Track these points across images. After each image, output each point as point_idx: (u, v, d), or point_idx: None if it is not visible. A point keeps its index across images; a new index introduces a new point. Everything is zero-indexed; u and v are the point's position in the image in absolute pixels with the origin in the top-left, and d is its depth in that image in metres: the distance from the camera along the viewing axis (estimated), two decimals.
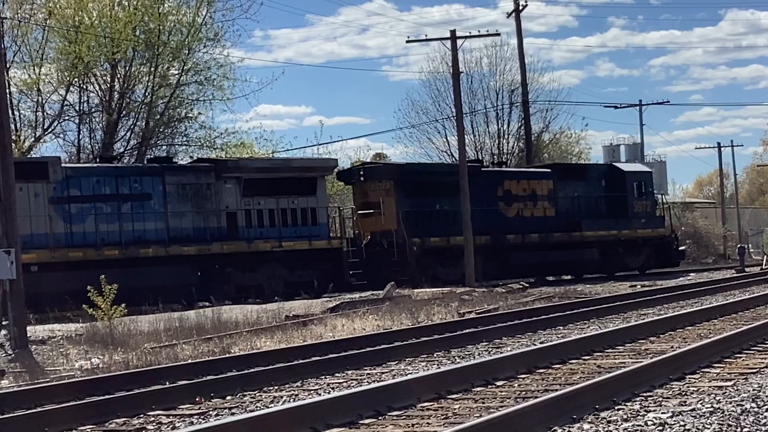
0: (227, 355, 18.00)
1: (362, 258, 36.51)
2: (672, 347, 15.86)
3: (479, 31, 43.42)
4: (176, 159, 40.49)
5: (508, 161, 55.59)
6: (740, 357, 14.53)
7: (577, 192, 43.51)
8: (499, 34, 45.49)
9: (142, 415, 12.21)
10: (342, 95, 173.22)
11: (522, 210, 41.49)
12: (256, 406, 12.35)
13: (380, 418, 10.82)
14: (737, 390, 11.50)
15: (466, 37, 42.57)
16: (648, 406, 10.72)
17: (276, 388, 13.92)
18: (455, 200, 37.93)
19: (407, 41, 43.03)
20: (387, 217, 37.51)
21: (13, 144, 24.41)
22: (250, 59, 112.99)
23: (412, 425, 10.45)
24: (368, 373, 15.10)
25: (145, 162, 36.88)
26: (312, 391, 13.48)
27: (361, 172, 39.23)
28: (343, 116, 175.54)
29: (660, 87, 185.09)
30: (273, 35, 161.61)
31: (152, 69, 43.19)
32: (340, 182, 43.53)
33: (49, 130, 43.02)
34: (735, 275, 42.32)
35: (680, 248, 48.85)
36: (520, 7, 51.72)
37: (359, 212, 38.47)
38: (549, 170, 44.15)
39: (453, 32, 41.69)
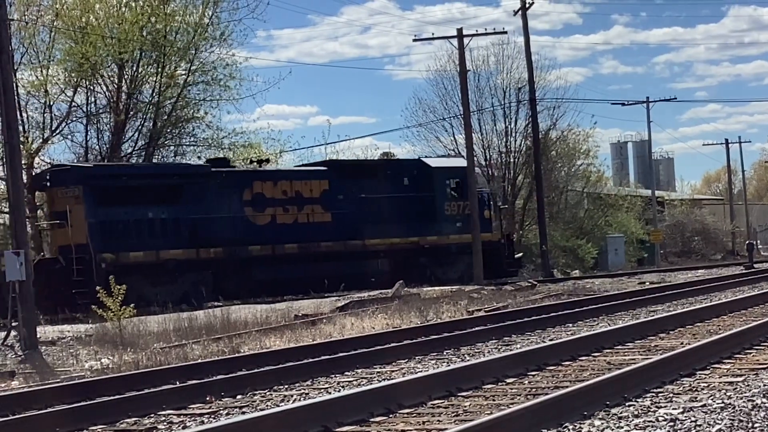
0: (237, 355, 18.02)
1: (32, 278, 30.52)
2: (682, 344, 15.85)
3: (485, 29, 43.43)
4: (185, 160, 40.26)
5: (517, 159, 55.59)
6: (750, 353, 14.52)
7: (365, 193, 36.81)
8: (506, 32, 45.38)
9: (152, 415, 12.23)
10: (346, 95, 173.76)
11: (279, 216, 35.18)
12: (267, 405, 12.36)
13: (391, 416, 10.83)
14: (748, 386, 11.50)
15: (473, 35, 42.62)
16: (659, 402, 10.72)
17: (286, 387, 13.94)
18: (173, 208, 33.01)
19: (414, 39, 43.00)
20: (76, 230, 31.34)
21: (21, 146, 24.47)
22: (254, 58, 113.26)
23: (423, 423, 10.45)
24: (378, 372, 15.11)
25: None
26: (322, 390, 13.48)
27: (48, 177, 33.12)
28: (348, 116, 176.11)
29: (664, 84, 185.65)
30: (275, 35, 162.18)
31: (159, 69, 43.19)
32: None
33: (57, 131, 43.01)
34: (744, 272, 42.27)
35: (516, 255, 42.14)
36: (527, 5, 51.66)
37: (47, 223, 33.77)
38: (324, 168, 37.56)
39: (460, 30, 41.71)
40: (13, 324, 21.30)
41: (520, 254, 43.41)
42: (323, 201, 36.10)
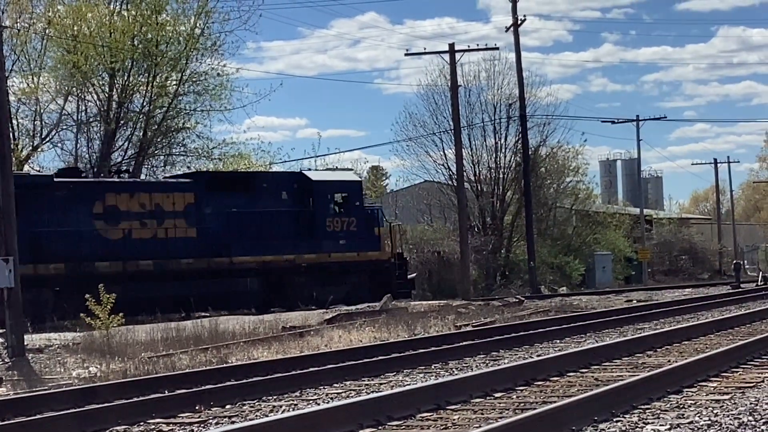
0: (225, 365, 18.02)
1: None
2: (669, 361, 15.91)
3: (477, 45, 43.59)
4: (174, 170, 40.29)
5: (506, 175, 55.67)
6: (737, 371, 14.58)
7: (237, 207, 34.18)
8: (497, 48, 45.63)
9: (141, 423, 12.24)
10: (335, 108, 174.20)
11: (134, 230, 32.38)
12: (256, 415, 12.39)
13: (380, 427, 10.86)
14: (734, 404, 11.56)
15: (464, 51, 42.80)
16: (646, 419, 10.77)
17: (275, 397, 13.96)
18: None
19: (406, 54, 43.33)
20: None
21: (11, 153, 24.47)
22: (244, 69, 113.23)
23: None
24: (366, 384, 15.14)
25: None
26: (311, 401, 13.51)
27: None
28: (337, 128, 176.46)
29: (653, 103, 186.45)
30: (265, 47, 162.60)
31: (150, 79, 43.23)
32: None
33: (47, 139, 43.07)
34: (731, 291, 42.41)
35: (410, 276, 38.67)
36: (519, 21, 51.80)
37: None
38: (189, 180, 34.80)
39: (452, 46, 41.88)
40: (1, 331, 21.27)
41: (414, 275, 39.97)
42: (187, 215, 33.36)
